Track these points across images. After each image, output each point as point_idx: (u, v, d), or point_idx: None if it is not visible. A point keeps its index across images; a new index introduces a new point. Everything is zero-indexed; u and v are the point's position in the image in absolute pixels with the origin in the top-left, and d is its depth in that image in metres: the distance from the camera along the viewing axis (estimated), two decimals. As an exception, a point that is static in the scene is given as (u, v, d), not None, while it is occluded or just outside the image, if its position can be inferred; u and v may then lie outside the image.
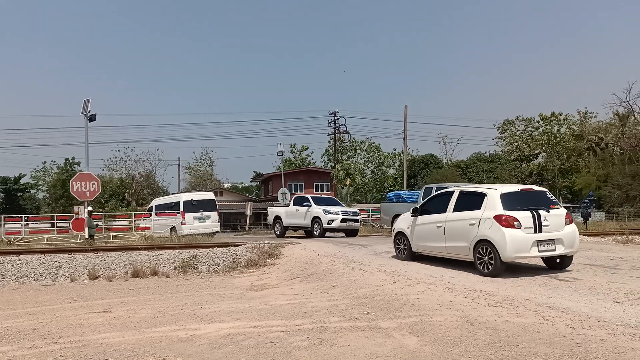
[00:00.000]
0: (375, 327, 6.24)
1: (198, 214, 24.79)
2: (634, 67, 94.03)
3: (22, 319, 7.74)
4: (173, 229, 24.27)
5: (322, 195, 36.95)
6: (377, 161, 75.05)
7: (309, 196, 23.66)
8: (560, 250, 9.84)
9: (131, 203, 49.74)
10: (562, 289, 7.99)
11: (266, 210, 25.98)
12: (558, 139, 61.21)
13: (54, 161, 67.90)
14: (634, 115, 49.88)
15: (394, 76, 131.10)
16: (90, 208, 20.78)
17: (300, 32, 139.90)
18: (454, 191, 11.33)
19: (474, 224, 10.13)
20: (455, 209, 10.84)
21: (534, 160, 64.58)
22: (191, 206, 24.83)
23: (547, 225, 9.75)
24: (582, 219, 23.38)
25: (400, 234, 12.34)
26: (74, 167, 59.49)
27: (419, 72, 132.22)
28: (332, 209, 21.07)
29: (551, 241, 9.71)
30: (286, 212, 22.85)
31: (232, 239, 20.73)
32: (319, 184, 58.11)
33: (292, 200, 23.21)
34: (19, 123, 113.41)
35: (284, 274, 11.70)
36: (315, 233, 20.76)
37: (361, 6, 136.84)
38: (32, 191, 70.83)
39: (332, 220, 20.40)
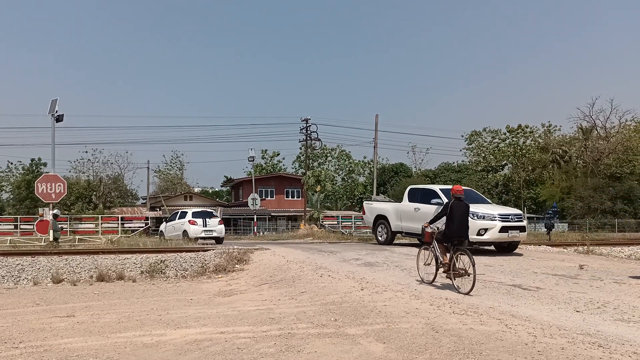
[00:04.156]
0: (342, 333, 6.27)
1: None
2: (597, 82, 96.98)
3: (-18, 323, 7.53)
4: None
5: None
6: (347, 169, 75.39)
7: (436, 188, 14.99)
8: (215, 234, 22.37)
9: (98, 206, 48.70)
10: (525, 298, 8.17)
11: (238, 215, 27.56)
12: (524, 151, 62.46)
13: (20, 161, 66.06)
14: (596, 130, 51.33)
15: (365, 85, 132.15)
16: (56, 211, 20.36)
17: (274, 39, 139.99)
18: (179, 210, 25.15)
19: (183, 224, 22.68)
20: (178, 218, 23.57)
21: (500, 172, 65.73)
22: None
23: (209, 224, 22.21)
24: (546, 229, 23.40)
25: (161, 232, 25.49)
26: (40, 168, 57.97)
27: (390, 82, 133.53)
28: (480, 209, 13.17)
29: (211, 230, 22.19)
30: (397, 210, 15.84)
31: (201, 244, 20.54)
32: (290, 190, 58.02)
33: (407, 193, 15.84)
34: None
35: (253, 279, 11.67)
36: None
37: (333, 15, 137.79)
38: (-5, 192, 68.62)
39: (486, 230, 12.82)
